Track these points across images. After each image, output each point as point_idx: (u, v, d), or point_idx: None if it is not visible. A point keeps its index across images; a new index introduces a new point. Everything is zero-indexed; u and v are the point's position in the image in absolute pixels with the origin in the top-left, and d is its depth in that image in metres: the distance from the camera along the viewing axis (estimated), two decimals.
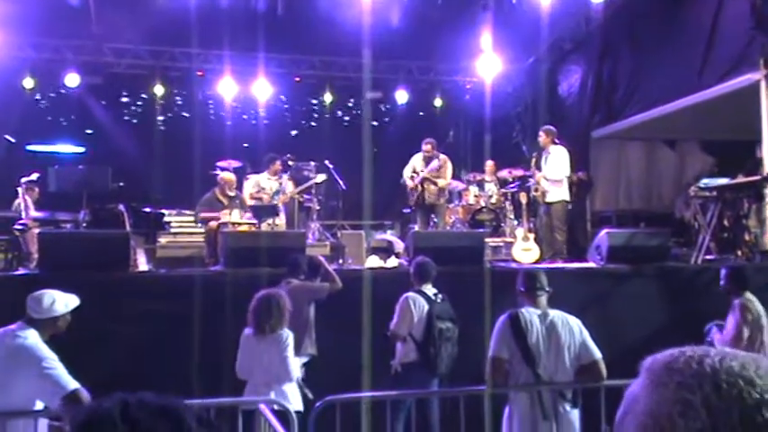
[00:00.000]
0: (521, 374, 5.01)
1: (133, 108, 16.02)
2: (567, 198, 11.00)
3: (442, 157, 11.63)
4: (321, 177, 12.10)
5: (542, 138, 11.09)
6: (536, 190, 11.04)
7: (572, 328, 5.07)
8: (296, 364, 5.91)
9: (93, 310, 5.71)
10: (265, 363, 5.78)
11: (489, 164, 13.23)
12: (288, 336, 5.85)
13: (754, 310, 6.68)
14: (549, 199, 10.87)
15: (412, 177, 11.61)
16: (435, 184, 11.46)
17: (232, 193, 10.73)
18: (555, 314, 5.13)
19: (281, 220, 11.26)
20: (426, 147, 11.62)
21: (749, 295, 6.76)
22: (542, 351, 4.97)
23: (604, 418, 4.94)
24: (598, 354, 5.02)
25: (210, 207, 10.57)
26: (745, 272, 7.04)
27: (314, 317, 7.29)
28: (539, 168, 11.02)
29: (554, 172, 10.84)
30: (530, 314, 5.08)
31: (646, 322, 8.09)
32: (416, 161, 11.69)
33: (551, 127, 11.26)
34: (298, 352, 7.10)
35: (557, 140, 11.06)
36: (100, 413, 1.13)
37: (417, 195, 11.55)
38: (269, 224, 10.86)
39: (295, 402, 5.75)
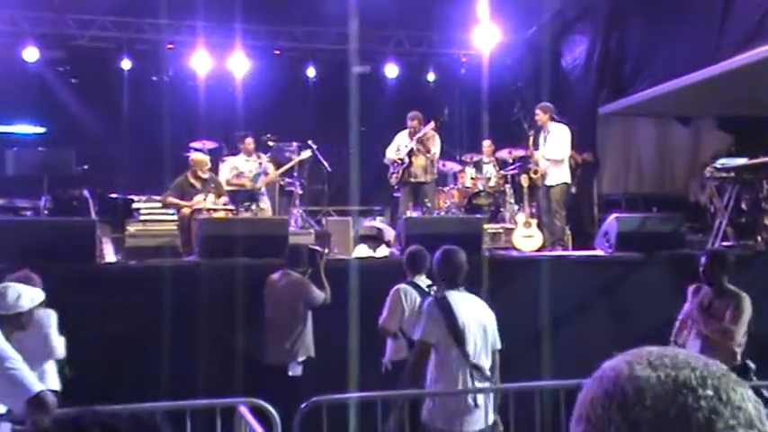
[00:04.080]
0: (450, 355, 5.37)
1: (98, 84, 15.89)
2: (569, 180, 11.01)
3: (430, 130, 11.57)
4: (306, 153, 12.09)
5: (540, 115, 11.06)
6: (535, 172, 11.01)
7: (489, 312, 5.59)
8: (60, 342, 5.98)
9: (56, 305, 5.71)
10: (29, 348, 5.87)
11: (487, 143, 13.20)
12: (50, 315, 5.89)
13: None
14: (548, 182, 10.86)
15: (398, 151, 11.54)
16: (428, 151, 11.39)
17: (205, 176, 10.64)
18: (473, 297, 5.63)
19: (265, 205, 11.23)
20: (413, 122, 11.52)
21: None
22: (468, 331, 5.36)
23: None
24: (500, 344, 5.58)
25: (181, 191, 10.48)
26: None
27: (311, 321, 7.31)
28: (536, 148, 11.03)
29: (554, 152, 10.82)
30: (453, 297, 5.47)
31: (657, 314, 8.10)
32: (402, 138, 11.64)
33: (548, 104, 11.25)
34: (293, 356, 7.15)
35: (556, 117, 11.05)
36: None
37: (403, 170, 11.46)
38: (252, 211, 10.83)
39: (52, 382, 5.85)
